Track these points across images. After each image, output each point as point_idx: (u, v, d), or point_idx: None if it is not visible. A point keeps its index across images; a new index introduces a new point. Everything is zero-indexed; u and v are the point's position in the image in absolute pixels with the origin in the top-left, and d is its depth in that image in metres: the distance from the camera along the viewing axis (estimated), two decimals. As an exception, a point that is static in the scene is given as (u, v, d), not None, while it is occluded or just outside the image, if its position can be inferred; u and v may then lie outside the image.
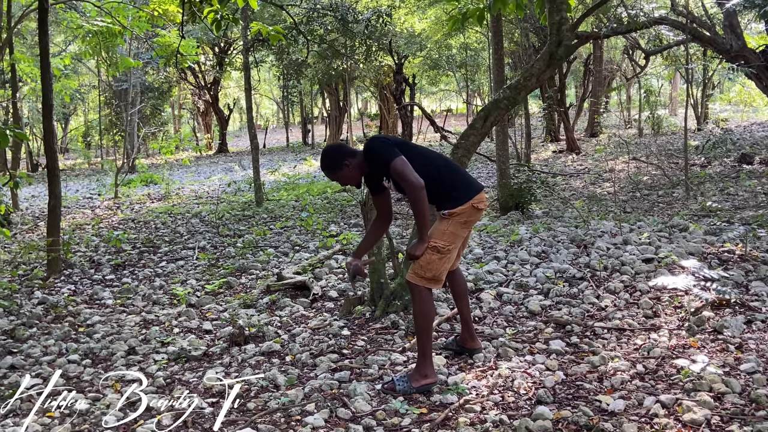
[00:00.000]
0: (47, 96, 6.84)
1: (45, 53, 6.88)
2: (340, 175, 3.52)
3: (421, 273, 3.49)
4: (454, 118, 37.38)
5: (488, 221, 8.37)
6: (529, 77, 5.22)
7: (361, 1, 23.87)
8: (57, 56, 18.99)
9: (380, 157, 3.43)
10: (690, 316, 4.23)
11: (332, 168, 3.52)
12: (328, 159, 3.54)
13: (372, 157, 3.49)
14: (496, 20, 9.29)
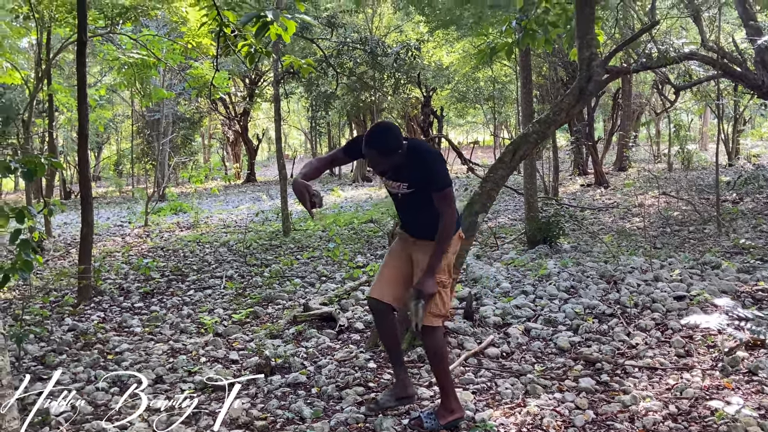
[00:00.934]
0: (83, 126, 6.99)
1: (82, 85, 7.05)
2: (389, 162, 3.32)
3: (438, 312, 3.45)
4: (481, 151, 37.42)
5: (516, 255, 8.32)
6: (559, 112, 5.22)
7: (390, 35, 24.21)
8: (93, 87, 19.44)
9: (441, 175, 3.35)
10: (724, 356, 4.14)
11: (389, 151, 3.27)
12: (389, 140, 3.28)
13: (432, 168, 3.35)
14: (524, 54, 9.34)
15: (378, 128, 3.33)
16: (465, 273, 7.10)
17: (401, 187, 3.42)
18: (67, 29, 12.52)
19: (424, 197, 3.41)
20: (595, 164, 17.44)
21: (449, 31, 19.35)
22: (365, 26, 23.63)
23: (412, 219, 3.59)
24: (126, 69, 12.41)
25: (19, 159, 4.93)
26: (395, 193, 3.51)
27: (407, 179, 3.38)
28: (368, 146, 3.26)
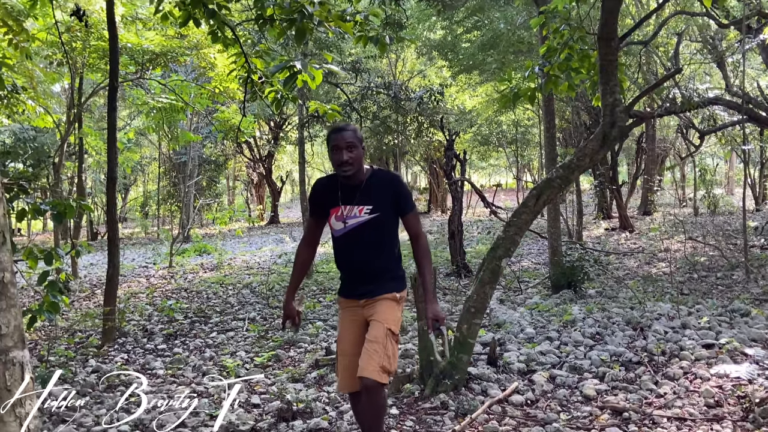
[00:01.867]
0: (112, 169, 7.13)
1: (112, 129, 7.21)
2: (358, 153, 3.16)
3: (389, 367, 3.09)
4: (504, 193, 37.41)
5: (540, 299, 8.24)
6: (583, 157, 5.23)
7: (413, 80, 24.52)
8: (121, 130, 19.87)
9: (410, 195, 3.32)
10: (755, 407, 4.03)
11: (356, 139, 3.16)
12: (355, 131, 3.21)
13: (403, 186, 3.29)
14: (548, 99, 9.39)
15: (344, 123, 3.40)
16: (488, 317, 7.04)
17: (362, 212, 3.17)
18: (98, 74, 12.87)
19: (386, 227, 3.22)
20: (620, 208, 17.33)
21: (472, 75, 19.59)
22: (389, 71, 23.98)
23: (367, 262, 3.25)
24: (155, 113, 12.70)
25: (49, 201, 5.03)
26: (346, 230, 3.22)
27: (372, 201, 3.18)
28: (343, 128, 3.14)
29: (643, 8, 15.51)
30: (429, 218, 26.22)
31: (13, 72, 9.55)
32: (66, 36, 10.77)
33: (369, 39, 4.57)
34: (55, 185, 13.56)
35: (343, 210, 3.22)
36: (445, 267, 11.46)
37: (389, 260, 3.28)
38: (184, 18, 4.58)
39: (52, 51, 11.85)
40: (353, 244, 3.24)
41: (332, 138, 3.12)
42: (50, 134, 19.36)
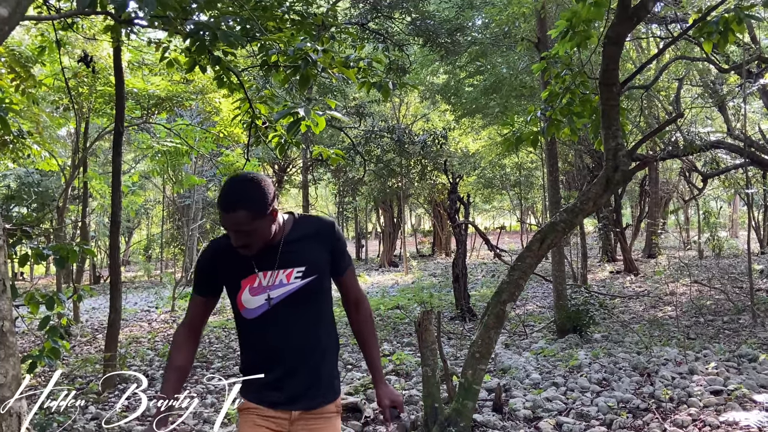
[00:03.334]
0: (116, 213, 7.14)
1: (117, 173, 7.25)
2: (260, 225, 2.19)
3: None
4: (508, 236, 37.37)
5: (545, 344, 8.14)
6: (586, 201, 5.22)
7: (417, 123, 24.74)
8: (126, 174, 20.00)
9: (345, 244, 2.49)
10: (768, 457, 3.94)
11: (263, 207, 2.19)
12: (261, 191, 2.21)
13: (340, 236, 2.45)
14: (550, 143, 9.45)
15: (241, 179, 2.22)
16: (493, 362, 6.95)
17: (292, 276, 2.29)
18: (104, 119, 13.00)
19: (325, 294, 2.40)
20: (624, 251, 17.27)
21: (475, 119, 19.76)
22: (393, 114, 24.21)
23: (303, 350, 2.32)
24: (160, 157, 12.79)
25: (51, 246, 5.03)
26: (270, 306, 2.29)
27: (303, 260, 2.31)
28: (231, 208, 2.14)
29: (644, 53, 15.71)
30: (433, 261, 26.14)
31: (19, 117, 9.65)
32: (73, 81, 10.91)
33: (372, 85, 4.60)
34: (59, 229, 13.58)
35: (263, 278, 2.28)
36: (450, 311, 11.38)
37: (331, 344, 2.44)
38: (190, 64, 4.62)
39: (58, 96, 11.99)
40: (282, 326, 2.28)
41: (221, 217, 2.20)
42: (55, 178, 19.48)
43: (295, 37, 4.38)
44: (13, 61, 7.41)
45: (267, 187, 2.21)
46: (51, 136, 13.23)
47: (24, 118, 10.08)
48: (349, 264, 2.48)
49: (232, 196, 2.16)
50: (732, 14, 4.71)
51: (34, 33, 8.99)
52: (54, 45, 7.59)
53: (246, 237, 2.18)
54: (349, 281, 2.49)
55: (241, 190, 2.16)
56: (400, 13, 13.79)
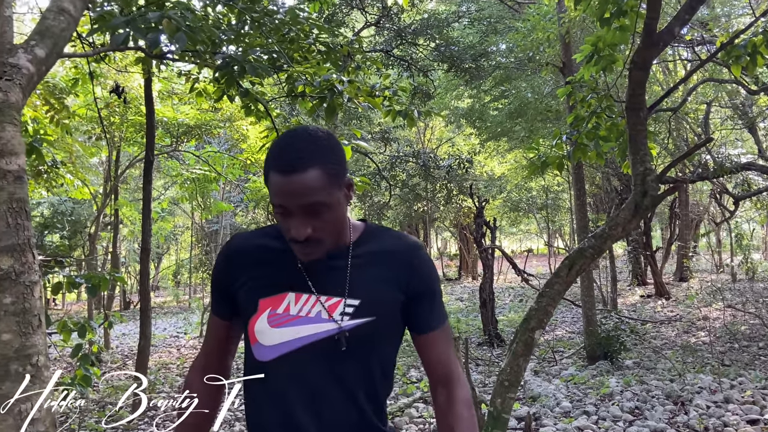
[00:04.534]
0: (146, 240, 7.25)
1: (147, 201, 7.36)
2: (337, 201, 1.45)
3: None
4: (536, 259, 37.05)
5: (576, 371, 8.03)
6: (615, 226, 5.17)
7: (442, 147, 24.80)
8: (156, 200, 20.29)
9: (438, 284, 1.62)
10: (809, 490, 3.83)
11: (340, 167, 1.46)
12: (337, 146, 1.48)
13: (430, 268, 1.60)
14: (577, 166, 9.40)
15: (307, 129, 1.46)
16: (523, 390, 6.86)
17: (336, 310, 1.49)
18: (135, 147, 13.25)
19: (383, 349, 1.57)
20: (655, 275, 17.02)
21: (500, 142, 19.75)
22: (418, 139, 24.30)
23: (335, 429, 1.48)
24: (189, 183, 12.97)
25: (84, 275, 5.11)
26: (294, 347, 1.49)
27: (361, 290, 1.51)
28: (303, 162, 1.38)
29: (671, 75, 15.61)
30: (460, 285, 26.00)
31: (53, 147, 9.87)
32: (105, 112, 11.15)
33: (398, 113, 4.64)
34: (90, 256, 13.79)
35: (293, 303, 1.50)
36: (477, 336, 11.29)
37: (380, 411, 1.56)
38: (218, 95, 4.71)
39: (91, 126, 12.25)
40: (310, 387, 1.48)
41: (274, 184, 1.39)
42: (87, 205, 19.82)
43: (322, 67, 4.44)
44: (48, 94, 7.61)
45: (339, 147, 1.46)
46: (83, 164, 13.50)
47: (58, 149, 10.31)
48: (440, 320, 1.57)
49: (301, 147, 1.37)
50: (760, 37, 4.67)
51: (68, 65, 9.21)
52: (87, 77, 7.78)
53: (318, 219, 1.39)
54: (438, 347, 1.56)
55: (311, 142, 1.39)
56: (424, 40, 13.89)
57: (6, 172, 2.05)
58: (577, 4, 5.44)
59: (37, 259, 2.12)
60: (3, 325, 2.00)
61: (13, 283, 2.03)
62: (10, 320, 2.01)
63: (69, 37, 2.50)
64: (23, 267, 2.05)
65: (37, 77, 2.30)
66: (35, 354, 2.04)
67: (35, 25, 2.45)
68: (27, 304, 2.05)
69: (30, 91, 2.29)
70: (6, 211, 2.03)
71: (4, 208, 2.03)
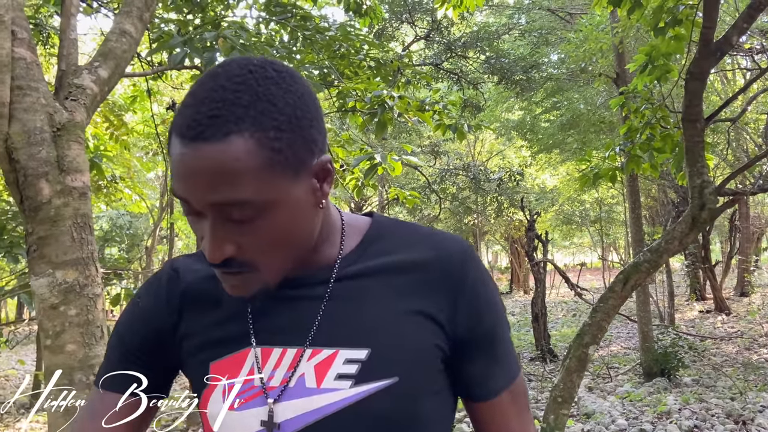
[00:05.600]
0: (201, 254, 7.40)
1: (202, 215, 7.53)
2: (287, 197, 0.79)
3: None
4: (589, 273, 36.40)
5: (631, 388, 7.84)
6: (671, 240, 5.06)
7: (492, 159, 24.67)
8: (210, 214, 20.68)
9: (497, 319, 0.98)
10: None
11: (279, 155, 0.77)
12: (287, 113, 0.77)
13: (478, 292, 0.93)
14: (631, 178, 9.22)
15: (245, 67, 0.78)
16: (576, 407, 6.74)
17: (329, 371, 0.86)
18: (190, 163, 13.57)
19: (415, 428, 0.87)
20: (714, 289, 16.51)
21: (552, 154, 19.53)
22: (468, 152, 24.22)
23: None
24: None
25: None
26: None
27: (367, 333, 0.88)
28: (217, 125, 0.74)
29: (729, 85, 15.21)
30: (511, 299, 25.71)
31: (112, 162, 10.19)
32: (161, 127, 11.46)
33: (448, 127, 4.65)
34: (147, 269, 14.14)
35: (259, 364, 0.90)
36: (529, 351, 11.14)
37: None
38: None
39: (148, 142, 12.63)
40: None
41: (173, 159, 0.78)
42: (144, 219, 20.37)
43: (372, 82, 4.49)
44: (108, 111, 7.87)
45: (309, 100, 0.82)
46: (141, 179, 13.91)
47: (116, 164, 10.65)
48: (510, 374, 0.98)
49: (223, 96, 0.76)
50: (823, 45, 4.53)
51: (126, 84, 9.52)
52: (145, 94, 8.03)
53: (247, 231, 0.80)
54: (509, 420, 0.96)
55: (246, 86, 0.77)
56: (474, 52, 13.89)
57: (71, 189, 2.13)
58: (630, 13, 5.37)
59: (99, 273, 2.19)
60: (68, 336, 2.08)
61: (77, 296, 2.11)
62: (74, 331, 2.09)
63: (130, 58, 2.59)
64: (87, 280, 2.12)
65: (100, 97, 2.39)
66: (98, 364, 2.11)
67: (99, 47, 2.55)
68: (90, 315, 2.13)
69: (94, 110, 2.38)
70: (71, 226, 2.11)
71: (70, 223, 2.11)
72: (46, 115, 2.14)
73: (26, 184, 2.06)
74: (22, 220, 2.13)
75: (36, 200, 2.07)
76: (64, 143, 2.15)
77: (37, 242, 2.08)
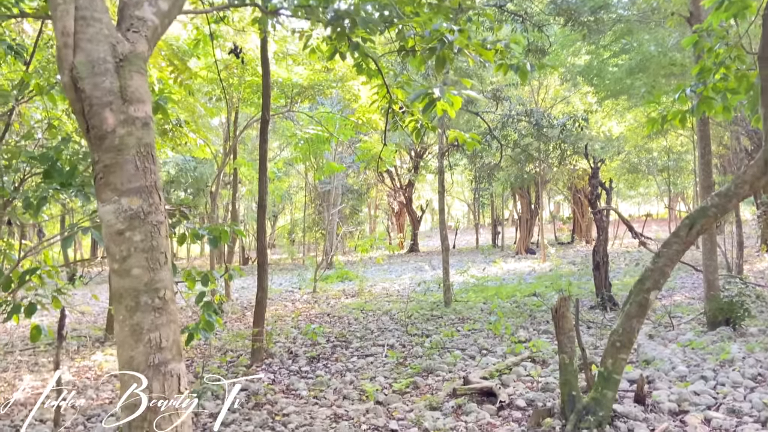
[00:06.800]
0: (262, 197, 7.54)
1: (263, 159, 7.64)
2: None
3: None
4: (655, 223, 35.50)
5: (694, 336, 7.70)
6: (741, 184, 4.87)
7: (556, 106, 24.06)
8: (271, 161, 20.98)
9: None
10: None
11: None
12: None
13: None
14: (702, 123, 8.87)
15: None
16: (636, 353, 6.68)
17: None
18: (252, 108, 13.72)
19: None
20: (786, 240, 15.91)
21: (619, 100, 18.91)
22: (531, 98, 23.67)
23: None
24: (302, 144, 13.32)
25: (206, 227, 5.39)
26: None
27: None
28: None
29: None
30: (572, 248, 25.39)
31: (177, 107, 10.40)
32: (224, 73, 11.59)
33: (510, 67, 4.54)
34: (212, 212, 14.53)
35: None
36: (589, 299, 11.03)
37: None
38: (330, 52, 4.79)
39: (211, 87, 12.79)
40: None
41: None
42: (208, 165, 20.81)
43: (432, 21, 4.40)
44: (172, 55, 7.99)
45: None
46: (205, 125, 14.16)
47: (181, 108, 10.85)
48: None
49: None
50: None
51: (190, 29, 9.62)
52: (207, 38, 8.10)
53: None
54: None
55: None
56: (539, -7, 13.42)
57: (134, 119, 2.19)
58: (706, -55, 5.07)
59: (163, 201, 2.26)
60: (133, 261, 2.16)
61: (142, 222, 2.18)
62: (139, 256, 2.17)
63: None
64: (151, 207, 2.20)
65: (161, 29, 2.42)
66: (162, 288, 2.20)
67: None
68: (154, 242, 2.20)
69: (155, 42, 2.42)
70: (135, 155, 2.17)
71: (133, 152, 2.17)
72: (109, 45, 2.18)
73: (91, 113, 2.13)
74: (89, 149, 2.21)
75: (101, 129, 2.14)
76: (127, 74, 2.20)
77: (103, 170, 2.16)
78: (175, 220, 5.65)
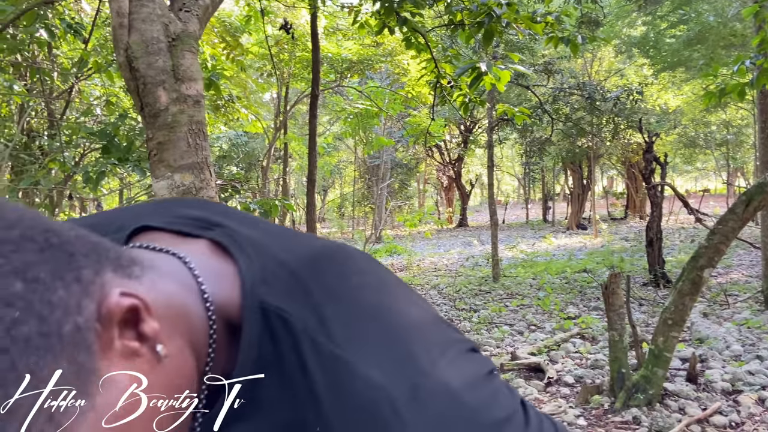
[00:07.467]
0: (312, 172, 7.62)
1: (313, 134, 7.71)
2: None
3: None
4: (712, 199, 34.54)
5: (750, 315, 7.52)
6: (803, 159, 4.70)
7: (610, 79, 23.50)
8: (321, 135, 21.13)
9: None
10: None
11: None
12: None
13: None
14: (763, 96, 8.56)
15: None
16: (689, 332, 6.57)
17: None
18: (302, 83, 13.80)
19: None
20: None
21: (676, 73, 18.36)
22: (584, 71, 23.17)
23: None
24: (351, 119, 13.37)
25: (257, 201, 5.50)
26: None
27: None
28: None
29: None
30: (625, 224, 24.93)
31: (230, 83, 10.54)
32: (275, 49, 11.67)
33: (560, 40, 4.46)
34: (263, 186, 14.74)
35: None
36: (642, 276, 10.85)
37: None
38: (379, 26, 4.79)
39: (262, 63, 12.90)
40: None
41: None
42: (260, 140, 21.06)
43: (482, -6, 4.35)
44: (224, 32, 8.09)
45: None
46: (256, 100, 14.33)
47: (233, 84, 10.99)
48: None
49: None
50: None
51: (242, 5, 9.70)
52: (259, 15, 8.16)
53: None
54: None
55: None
56: (594, -38, 13.07)
57: (186, 97, 2.25)
58: None
59: (214, 177, 2.32)
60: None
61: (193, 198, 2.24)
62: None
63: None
64: (202, 183, 2.26)
65: (212, 8, 2.47)
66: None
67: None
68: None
69: (206, 21, 2.47)
70: (186, 132, 2.23)
71: (185, 129, 2.23)
72: (162, 25, 2.24)
73: (145, 91, 2.19)
74: (143, 126, 2.27)
75: (155, 107, 2.20)
76: (179, 53, 2.25)
77: (156, 147, 2.22)
78: (228, 194, 5.77)
